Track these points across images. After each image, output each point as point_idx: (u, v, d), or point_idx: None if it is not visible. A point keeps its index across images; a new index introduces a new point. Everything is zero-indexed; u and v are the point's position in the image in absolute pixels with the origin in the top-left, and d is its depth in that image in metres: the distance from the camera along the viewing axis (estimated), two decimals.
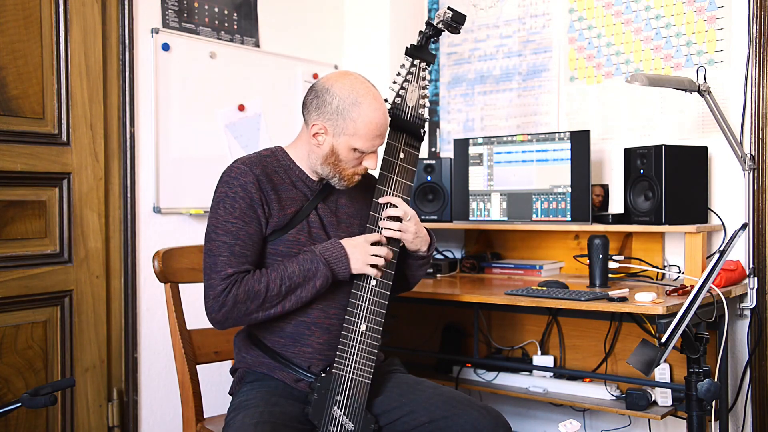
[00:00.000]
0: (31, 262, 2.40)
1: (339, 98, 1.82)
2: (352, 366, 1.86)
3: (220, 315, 1.78)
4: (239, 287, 1.77)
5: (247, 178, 1.83)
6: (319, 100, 1.84)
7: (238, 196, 1.82)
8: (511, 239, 3.11)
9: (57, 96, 2.46)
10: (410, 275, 2.08)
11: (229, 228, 1.80)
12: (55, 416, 2.45)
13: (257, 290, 1.78)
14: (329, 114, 1.83)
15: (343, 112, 1.82)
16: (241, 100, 2.97)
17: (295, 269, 1.81)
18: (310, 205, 1.91)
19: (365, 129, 1.83)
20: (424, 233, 2.01)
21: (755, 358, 2.55)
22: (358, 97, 1.82)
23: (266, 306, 1.80)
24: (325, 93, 1.84)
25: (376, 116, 1.83)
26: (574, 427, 1.76)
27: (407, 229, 1.94)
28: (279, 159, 1.93)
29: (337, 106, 1.82)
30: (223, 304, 1.77)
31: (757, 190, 2.55)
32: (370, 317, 1.88)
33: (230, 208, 1.81)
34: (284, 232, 1.87)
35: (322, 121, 1.84)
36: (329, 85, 1.85)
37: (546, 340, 2.96)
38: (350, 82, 1.85)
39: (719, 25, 2.67)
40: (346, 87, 1.83)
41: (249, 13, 3.03)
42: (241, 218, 1.81)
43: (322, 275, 1.81)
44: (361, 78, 1.89)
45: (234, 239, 1.80)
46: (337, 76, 1.88)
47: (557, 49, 3.06)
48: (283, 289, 1.79)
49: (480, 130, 3.28)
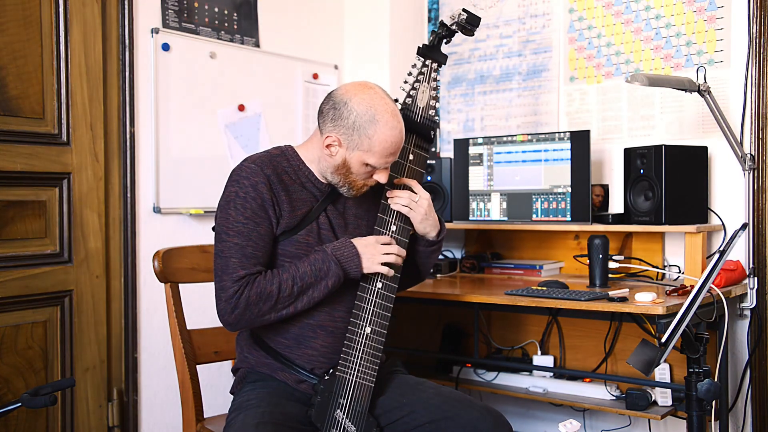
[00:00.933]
0: (31, 262, 2.39)
1: (356, 113, 1.80)
2: (355, 369, 1.85)
3: (233, 317, 1.77)
4: (251, 289, 1.76)
5: (258, 177, 1.82)
6: (336, 112, 1.82)
7: (249, 196, 1.81)
8: (511, 239, 3.11)
9: (57, 96, 2.46)
10: (421, 263, 2.07)
11: (240, 229, 1.80)
12: (55, 416, 2.45)
13: (270, 291, 1.77)
14: (345, 128, 1.81)
15: (359, 129, 1.80)
16: (241, 100, 2.97)
17: (307, 269, 1.80)
18: (320, 207, 1.91)
19: (380, 147, 1.81)
20: (435, 218, 2.00)
21: (755, 358, 2.55)
22: (376, 114, 1.80)
23: (279, 307, 1.79)
24: (342, 106, 1.81)
25: (392, 135, 1.81)
26: (574, 427, 1.76)
27: (417, 208, 1.93)
28: (289, 159, 1.92)
29: (354, 121, 1.80)
30: (235, 307, 1.76)
31: (757, 190, 2.55)
32: (375, 320, 1.88)
33: (241, 208, 1.80)
34: (294, 233, 1.86)
35: (336, 133, 1.82)
36: (348, 99, 1.82)
37: (546, 340, 2.96)
38: (369, 97, 1.82)
39: (719, 25, 2.67)
40: (364, 102, 1.80)
41: (249, 13, 3.03)
42: (252, 219, 1.80)
43: (334, 274, 1.81)
44: (381, 93, 1.85)
45: (245, 240, 1.79)
46: (357, 88, 1.84)
47: (557, 49, 3.07)
48: (295, 290, 1.79)
49: (480, 130, 3.28)
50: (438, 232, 2.01)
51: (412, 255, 2.03)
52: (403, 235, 1.96)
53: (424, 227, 1.98)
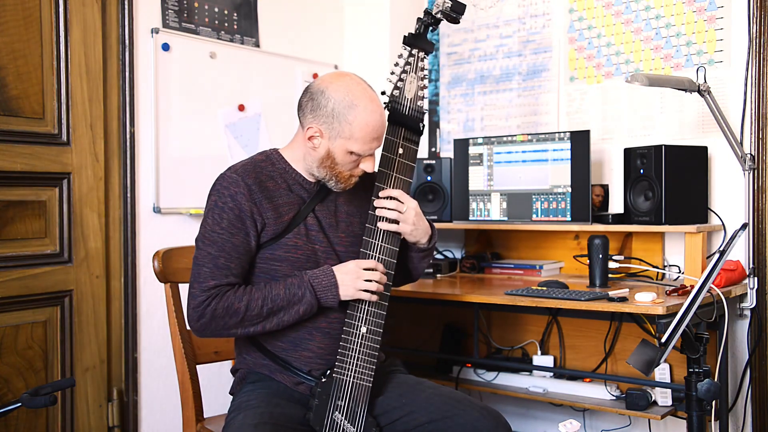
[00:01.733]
0: (31, 262, 2.39)
1: (334, 101, 1.78)
2: (352, 370, 1.85)
3: (198, 325, 1.78)
4: (219, 302, 1.76)
5: (237, 188, 1.80)
6: (314, 103, 1.81)
7: (227, 207, 1.80)
8: (511, 239, 3.11)
9: (57, 96, 2.46)
10: (412, 268, 2.06)
11: (215, 238, 1.79)
12: (55, 416, 2.45)
13: (236, 308, 1.77)
14: (324, 117, 1.80)
15: (339, 115, 1.78)
16: (241, 100, 2.97)
17: (281, 292, 1.79)
18: (307, 208, 1.89)
19: (361, 132, 1.79)
20: (425, 225, 1.97)
21: (755, 358, 2.55)
22: (354, 99, 1.79)
23: (246, 324, 1.79)
24: (319, 95, 1.80)
25: (372, 119, 1.80)
26: (574, 427, 1.76)
27: (405, 219, 1.90)
28: (274, 162, 1.90)
29: (333, 108, 1.78)
30: (201, 315, 1.76)
31: (757, 190, 2.55)
32: (370, 319, 1.87)
33: (218, 218, 1.80)
34: (281, 237, 1.85)
35: (317, 124, 1.81)
36: (324, 87, 1.81)
37: (546, 340, 2.96)
38: (346, 83, 1.81)
39: (719, 25, 2.67)
40: (341, 89, 1.80)
41: (249, 13, 3.03)
42: (227, 229, 1.79)
43: (306, 302, 1.80)
44: (357, 79, 1.85)
45: (219, 251, 1.79)
46: (333, 77, 1.85)
47: (557, 49, 3.06)
48: (264, 311, 1.78)
49: (480, 130, 3.28)
50: (429, 238, 2.00)
51: (403, 258, 2.01)
52: (393, 244, 1.92)
53: (414, 237, 1.95)
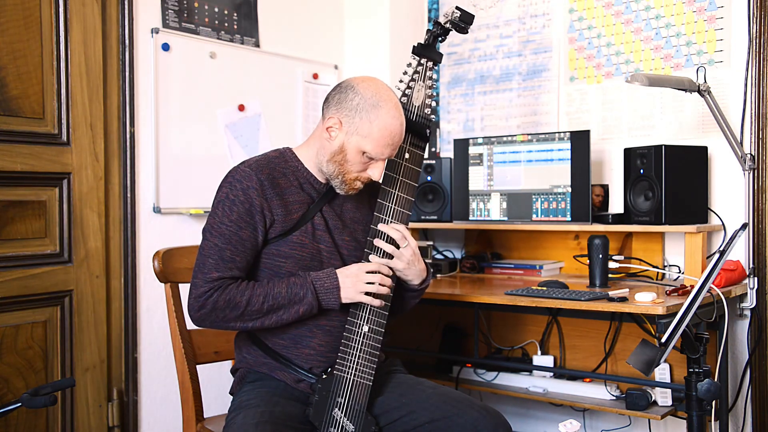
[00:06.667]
0: (31, 262, 2.39)
1: (361, 96, 1.82)
2: (353, 368, 1.85)
3: (198, 315, 1.79)
4: (221, 294, 1.77)
5: (250, 182, 1.82)
6: (341, 95, 1.85)
7: (238, 200, 1.81)
8: (511, 239, 3.11)
9: (57, 96, 2.46)
10: (397, 303, 2.03)
11: (223, 230, 1.81)
12: (55, 416, 2.45)
13: (237, 302, 1.78)
14: (347, 110, 1.83)
15: (362, 111, 1.82)
16: (241, 100, 2.97)
17: (282, 290, 1.80)
18: (315, 207, 1.91)
19: (379, 134, 1.82)
20: (420, 268, 1.95)
21: (755, 358, 2.55)
22: (380, 100, 1.82)
23: (245, 318, 1.80)
24: (349, 89, 1.85)
25: (392, 124, 1.83)
26: (574, 427, 1.76)
27: (400, 255, 1.90)
28: (287, 160, 1.93)
29: (358, 103, 1.82)
30: (202, 306, 1.78)
31: (757, 190, 2.55)
32: (373, 318, 1.88)
33: (228, 210, 1.81)
34: (288, 234, 1.86)
35: (338, 115, 1.84)
36: (355, 84, 1.86)
37: (546, 340, 2.96)
38: (377, 85, 1.86)
39: (719, 25, 2.67)
40: (371, 88, 1.84)
41: (249, 13, 3.03)
42: (236, 222, 1.81)
43: (307, 303, 1.81)
44: (387, 87, 1.89)
45: (225, 243, 1.80)
46: (366, 78, 1.89)
47: (557, 49, 3.06)
48: (264, 307, 1.79)
49: (480, 130, 3.28)
50: (421, 282, 1.99)
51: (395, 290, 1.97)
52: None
53: (406, 275, 1.94)
